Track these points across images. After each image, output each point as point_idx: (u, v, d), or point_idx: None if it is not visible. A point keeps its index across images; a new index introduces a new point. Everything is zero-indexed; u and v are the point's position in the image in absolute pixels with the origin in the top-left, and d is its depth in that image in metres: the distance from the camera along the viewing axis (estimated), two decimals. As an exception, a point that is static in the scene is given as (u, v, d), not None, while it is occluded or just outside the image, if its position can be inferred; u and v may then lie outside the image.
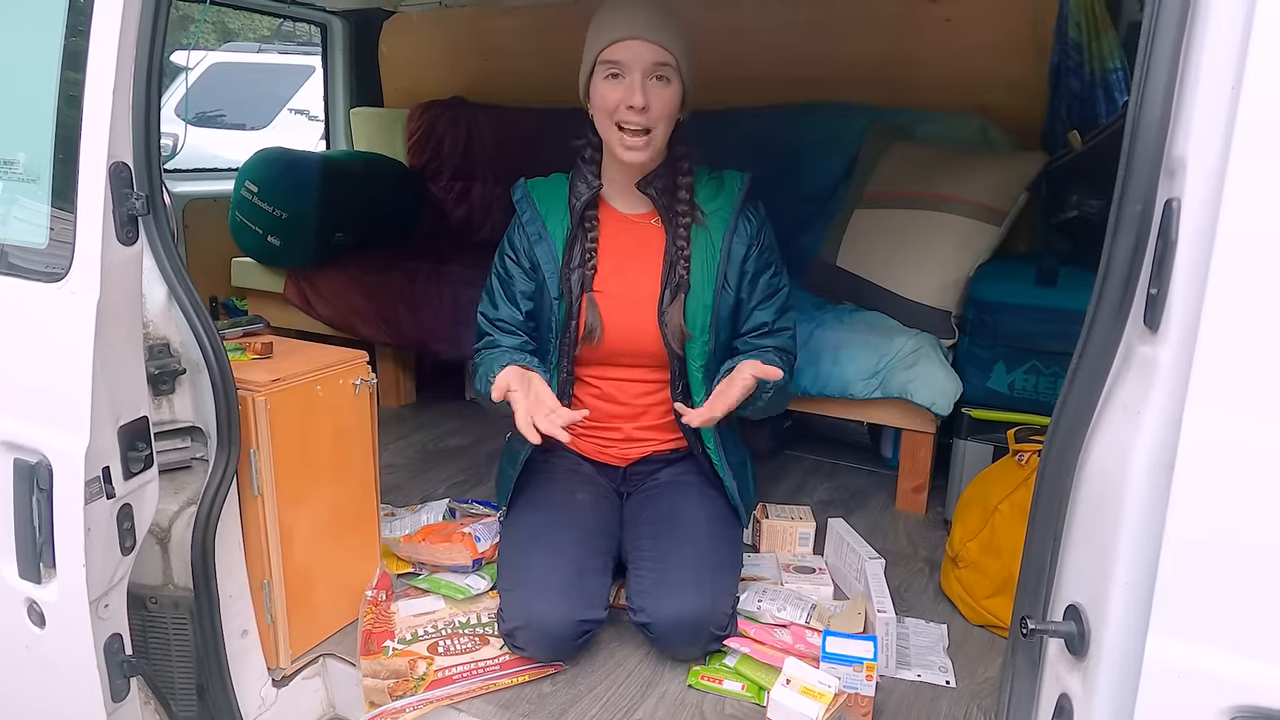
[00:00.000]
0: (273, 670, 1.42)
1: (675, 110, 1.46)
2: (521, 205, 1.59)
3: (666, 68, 1.42)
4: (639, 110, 1.40)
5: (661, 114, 1.43)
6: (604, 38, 1.42)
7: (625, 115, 1.42)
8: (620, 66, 1.41)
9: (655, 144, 1.45)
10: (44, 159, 1.08)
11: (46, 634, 1.11)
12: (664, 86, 1.42)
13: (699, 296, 1.52)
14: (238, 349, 1.42)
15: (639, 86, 1.40)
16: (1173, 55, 0.69)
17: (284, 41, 6.80)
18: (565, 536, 1.50)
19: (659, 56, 1.40)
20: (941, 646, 1.53)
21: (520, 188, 1.61)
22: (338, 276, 2.67)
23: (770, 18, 2.66)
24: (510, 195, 1.63)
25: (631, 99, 1.40)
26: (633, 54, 1.40)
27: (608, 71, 1.42)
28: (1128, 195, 0.72)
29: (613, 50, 1.41)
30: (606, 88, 1.43)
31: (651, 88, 1.41)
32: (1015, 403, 1.91)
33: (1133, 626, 0.71)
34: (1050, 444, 0.82)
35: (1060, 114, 2.25)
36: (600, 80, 1.44)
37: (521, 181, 1.62)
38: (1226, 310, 0.65)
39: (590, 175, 1.55)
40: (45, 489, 1.06)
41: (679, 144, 1.53)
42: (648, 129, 1.42)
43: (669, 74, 1.42)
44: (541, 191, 1.59)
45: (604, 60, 1.42)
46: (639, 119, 1.41)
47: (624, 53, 1.40)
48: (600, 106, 1.45)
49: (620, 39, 1.40)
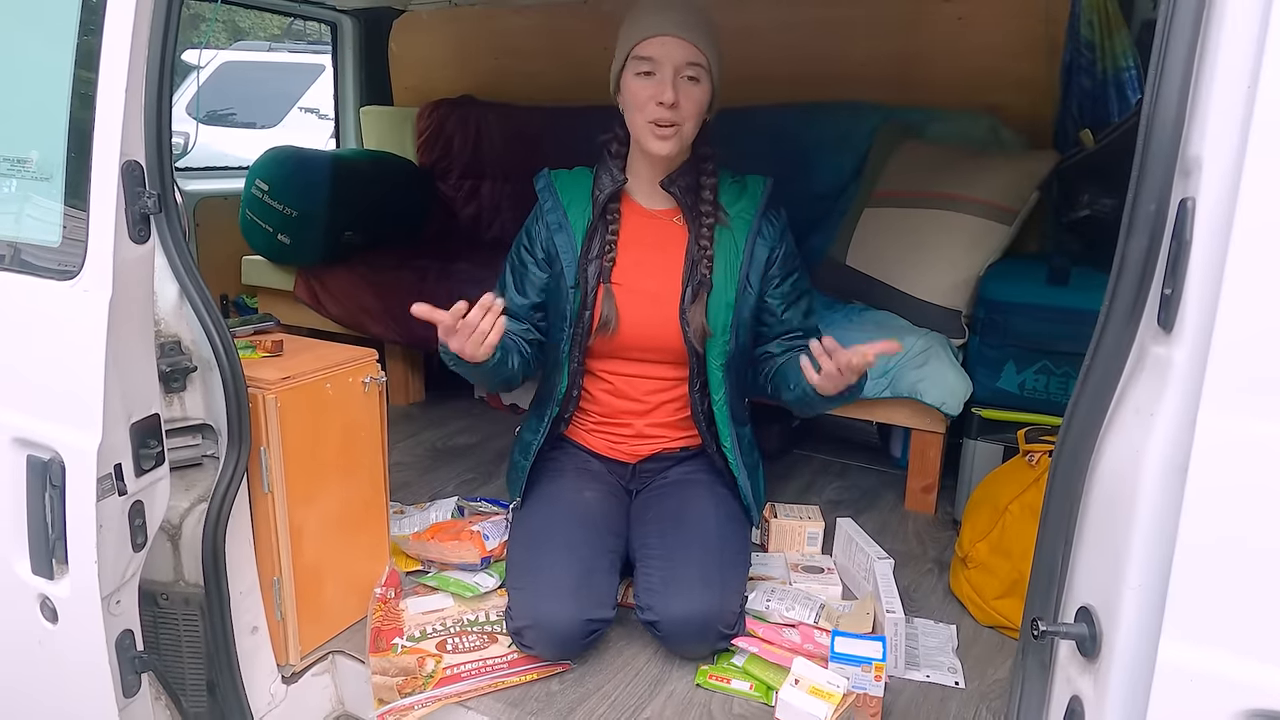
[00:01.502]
0: (282, 667, 1.42)
1: (704, 109, 1.47)
2: (544, 194, 1.61)
3: (698, 67, 1.43)
4: (669, 106, 1.42)
5: (690, 112, 1.44)
6: (638, 33, 1.43)
7: (656, 111, 1.43)
8: (653, 63, 1.43)
9: (684, 137, 1.46)
10: (57, 157, 1.09)
11: (59, 630, 1.12)
12: (694, 85, 1.44)
13: (721, 295, 1.53)
14: (248, 347, 1.43)
15: (670, 83, 1.41)
16: (1188, 54, 0.68)
17: (294, 40, 6.82)
18: (573, 535, 1.50)
19: (691, 55, 1.42)
20: (951, 647, 1.52)
21: (544, 177, 1.63)
22: (347, 275, 2.68)
23: (781, 17, 2.65)
24: (524, 188, 1.64)
25: (663, 95, 1.41)
26: (665, 51, 1.42)
27: (640, 68, 1.44)
28: (1142, 195, 0.72)
29: (646, 46, 1.42)
30: (638, 83, 1.44)
31: (682, 86, 1.43)
32: (1025, 403, 1.90)
33: (1145, 629, 0.71)
34: (1062, 445, 0.81)
35: (1072, 113, 2.23)
36: (631, 75, 1.45)
37: (545, 171, 1.64)
38: (1242, 311, 0.64)
39: (616, 169, 1.56)
40: (58, 486, 1.06)
41: (705, 145, 1.54)
42: (676, 124, 1.44)
43: (700, 73, 1.44)
44: (565, 182, 1.61)
45: (637, 55, 1.44)
46: (669, 115, 1.42)
47: (657, 49, 1.42)
48: (631, 101, 1.47)
49: (654, 35, 1.42)
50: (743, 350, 1.58)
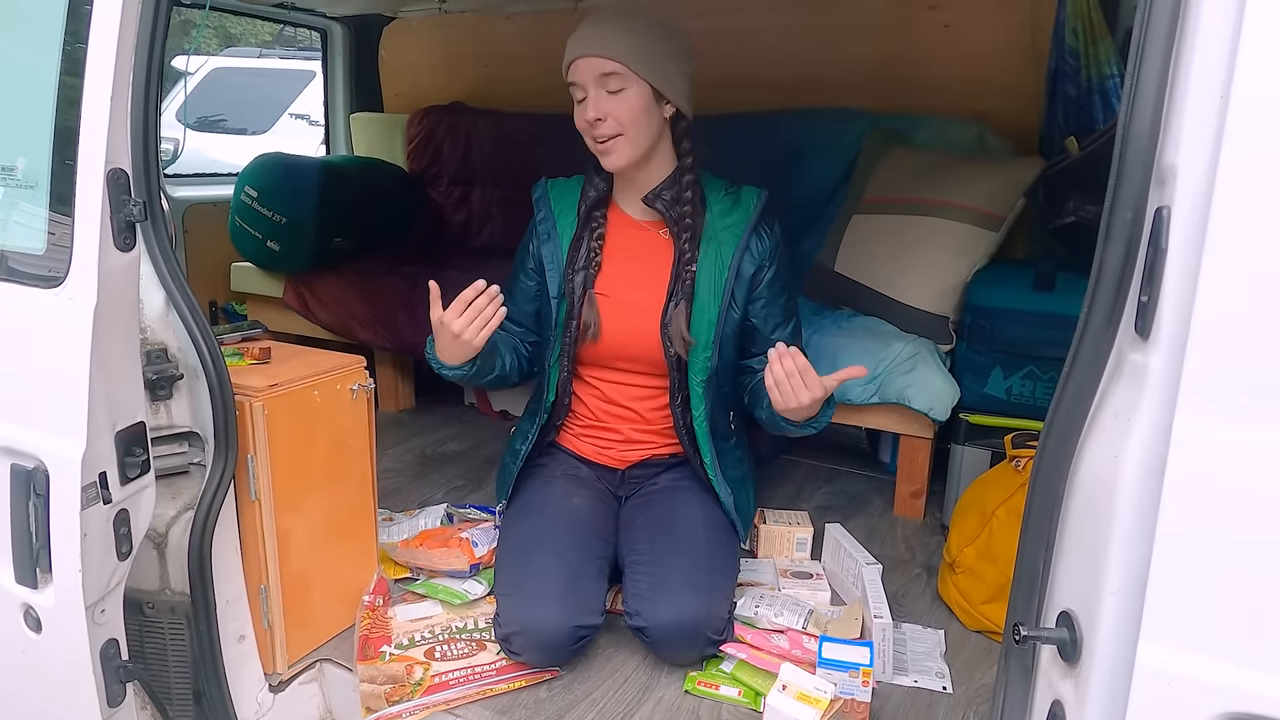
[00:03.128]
0: (269, 675, 1.42)
1: (641, 112, 1.46)
2: (539, 205, 1.63)
3: (613, 77, 1.44)
4: (593, 123, 1.46)
5: (624, 120, 1.45)
6: (565, 60, 1.49)
7: (588, 130, 1.48)
8: (577, 87, 1.48)
9: (633, 144, 1.47)
10: (42, 165, 1.09)
11: (43, 639, 1.12)
12: (618, 95, 1.45)
13: (704, 311, 1.53)
14: (236, 354, 1.42)
15: (592, 100, 1.45)
16: (1162, 64, 0.69)
17: (285, 47, 6.82)
18: (562, 541, 1.50)
19: (603, 68, 1.44)
20: (938, 652, 1.53)
21: (540, 186, 1.65)
22: (336, 282, 2.68)
23: (769, 22, 2.67)
24: (514, 194, 1.66)
25: (585, 114, 1.46)
26: (581, 73, 1.46)
27: (574, 95, 1.49)
28: (1119, 203, 0.73)
29: (570, 72, 1.48)
30: (577, 109, 1.50)
31: (605, 98, 1.45)
32: (1012, 408, 1.91)
33: (1124, 633, 0.71)
34: (1043, 451, 0.82)
35: (1057, 120, 2.25)
36: (575, 101, 1.50)
37: (542, 181, 1.66)
38: (1216, 317, 0.65)
39: (600, 178, 1.58)
40: (42, 494, 1.06)
41: (686, 153, 1.54)
42: (614, 135, 1.46)
43: (619, 81, 1.45)
44: (559, 192, 1.63)
45: (569, 83, 1.49)
46: (599, 130, 1.46)
47: (577, 73, 1.47)
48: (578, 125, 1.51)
49: (571, 60, 1.47)
50: (726, 367, 1.59)
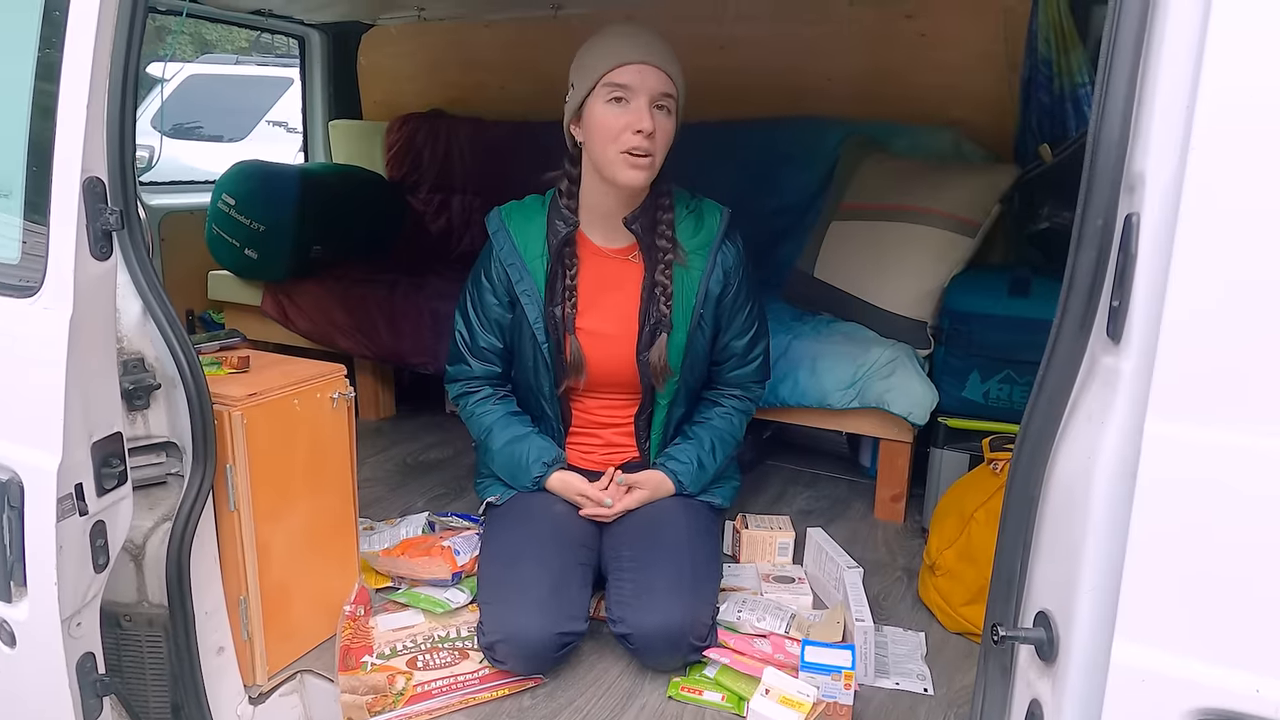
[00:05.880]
0: (249, 687, 1.40)
1: (671, 143, 1.46)
2: (499, 239, 1.58)
3: (670, 99, 1.43)
4: (647, 135, 1.38)
5: (663, 144, 1.43)
6: (611, 60, 1.40)
7: (631, 140, 1.39)
8: (627, 90, 1.39)
9: (655, 169, 1.45)
10: (16, 173, 1.07)
11: (17, 653, 1.10)
12: (666, 117, 1.43)
13: (674, 336, 1.55)
14: (214, 363, 1.41)
15: (646, 111, 1.39)
16: (1130, 76, 0.71)
17: (262, 53, 6.76)
18: (545, 549, 1.50)
19: (666, 86, 1.41)
20: (919, 654, 1.54)
21: (495, 219, 1.60)
22: (316, 289, 2.66)
23: (747, 32, 2.69)
24: (494, 202, 1.64)
25: (641, 122, 1.38)
26: (642, 79, 1.39)
27: (612, 95, 1.40)
28: (1090, 210, 0.74)
29: (621, 73, 1.39)
30: (610, 112, 1.41)
31: (657, 114, 1.41)
32: (990, 411, 1.93)
33: (1099, 632, 0.73)
34: (1018, 453, 0.84)
35: (1031, 127, 2.29)
36: (601, 104, 1.41)
37: (496, 212, 1.61)
38: (1185, 321, 0.67)
39: (568, 211, 1.54)
40: (16, 506, 1.04)
41: (663, 181, 1.53)
42: (650, 154, 1.41)
43: (671, 105, 1.43)
44: (518, 223, 1.58)
45: (610, 83, 1.40)
46: (646, 144, 1.39)
47: (633, 77, 1.39)
48: (600, 130, 1.42)
49: (630, 62, 1.39)
50: (689, 389, 1.62)
